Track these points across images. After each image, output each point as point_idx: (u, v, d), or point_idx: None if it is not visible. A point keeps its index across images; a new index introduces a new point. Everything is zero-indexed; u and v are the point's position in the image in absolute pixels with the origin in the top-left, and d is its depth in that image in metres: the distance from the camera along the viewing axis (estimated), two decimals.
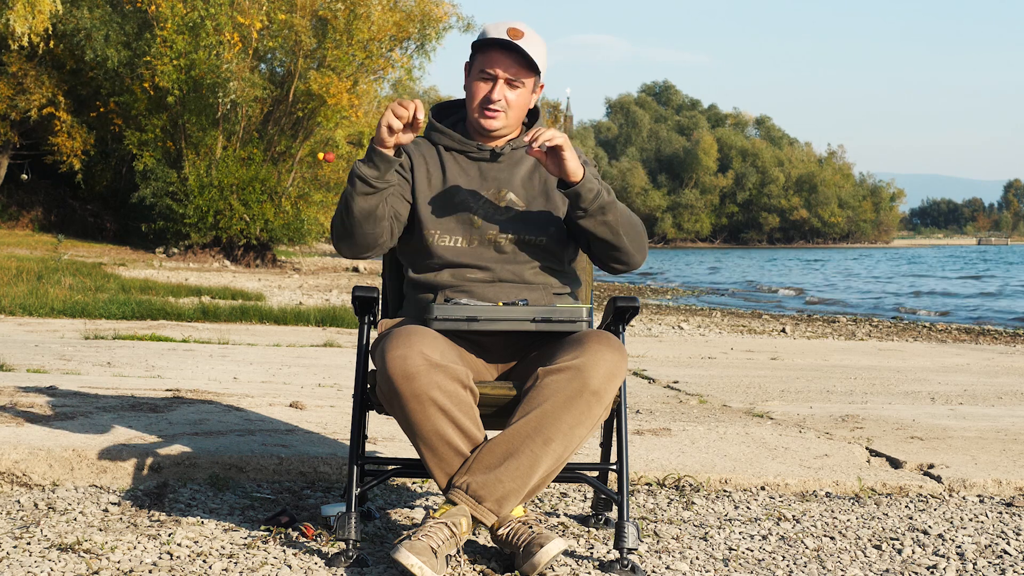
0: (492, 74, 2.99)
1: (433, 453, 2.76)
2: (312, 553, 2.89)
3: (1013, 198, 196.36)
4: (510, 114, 3.03)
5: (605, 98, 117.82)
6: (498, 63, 2.98)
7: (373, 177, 2.87)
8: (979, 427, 5.10)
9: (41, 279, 14.15)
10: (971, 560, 3.05)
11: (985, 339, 12.73)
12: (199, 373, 6.33)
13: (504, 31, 2.97)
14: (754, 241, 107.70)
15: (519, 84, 3.01)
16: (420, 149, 3.12)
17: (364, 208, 2.89)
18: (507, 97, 3.00)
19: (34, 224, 31.02)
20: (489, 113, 3.01)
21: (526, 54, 2.97)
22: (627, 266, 3.07)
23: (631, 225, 3.03)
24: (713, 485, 3.85)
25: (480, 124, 3.04)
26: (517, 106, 3.03)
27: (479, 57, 3.01)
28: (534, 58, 2.98)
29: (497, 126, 3.03)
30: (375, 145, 2.86)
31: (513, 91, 3.01)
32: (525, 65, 3.00)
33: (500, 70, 2.99)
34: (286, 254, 31.28)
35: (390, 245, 3.03)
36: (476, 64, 3.02)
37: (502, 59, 2.98)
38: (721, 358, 8.73)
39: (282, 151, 27.38)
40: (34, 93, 27.45)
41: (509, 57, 2.98)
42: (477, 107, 3.02)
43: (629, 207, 13.22)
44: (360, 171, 2.87)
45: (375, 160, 2.86)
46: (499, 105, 3.00)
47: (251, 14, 25.39)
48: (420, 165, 3.08)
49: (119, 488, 3.55)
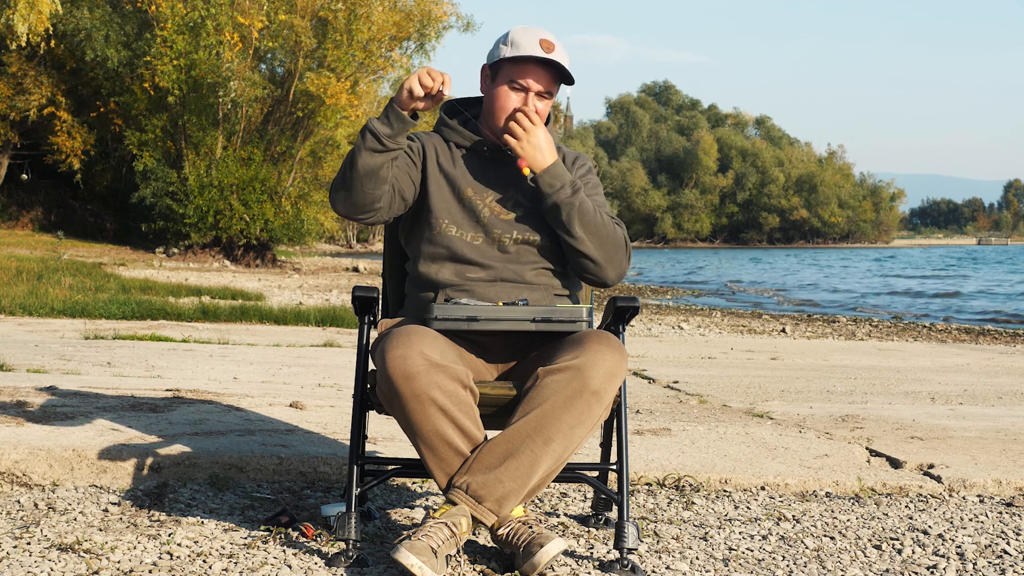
0: (524, 86, 2.99)
1: (433, 453, 2.76)
2: (312, 553, 2.89)
3: (1013, 198, 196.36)
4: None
5: (605, 98, 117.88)
6: (531, 75, 2.98)
7: (385, 135, 2.87)
8: (979, 427, 5.10)
9: (41, 279, 14.15)
10: (971, 560, 3.05)
11: (985, 339, 12.73)
12: (199, 373, 6.33)
13: (537, 42, 2.96)
14: (754, 241, 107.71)
15: (547, 96, 3.02)
16: (432, 141, 3.12)
17: (369, 165, 2.88)
18: (537, 107, 3.01)
19: (34, 224, 31.03)
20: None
21: (560, 67, 2.97)
22: (597, 278, 3.02)
23: (602, 237, 2.99)
24: (713, 485, 3.85)
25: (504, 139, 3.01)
26: (541, 116, 3.03)
27: (510, 67, 2.99)
28: (569, 73, 2.98)
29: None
30: (394, 104, 2.87)
31: (541, 102, 3.02)
32: (557, 78, 3.00)
33: (532, 82, 2.98)
34: (286, 254, 31.29)
35: (385, 215, 2.99)
36: (505, 72, 3.00)
37: (536, 72, 2.98)
38: (721, 358, 8.73)
39: (282, 151, 27.40)
40: (34, 93, 27.47)
41: (543, 70, 2.98)
42: (505, 119, 3.00)
43: (629, 207, 13.12)
44: (373, 126, 2.88)
45: (391, 118, 2.87)
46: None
47: (251, 14, 25.41)
48: (432, 155, 3.08)
49: (119, 488, 3.55)
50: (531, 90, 2.99)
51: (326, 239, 33.88)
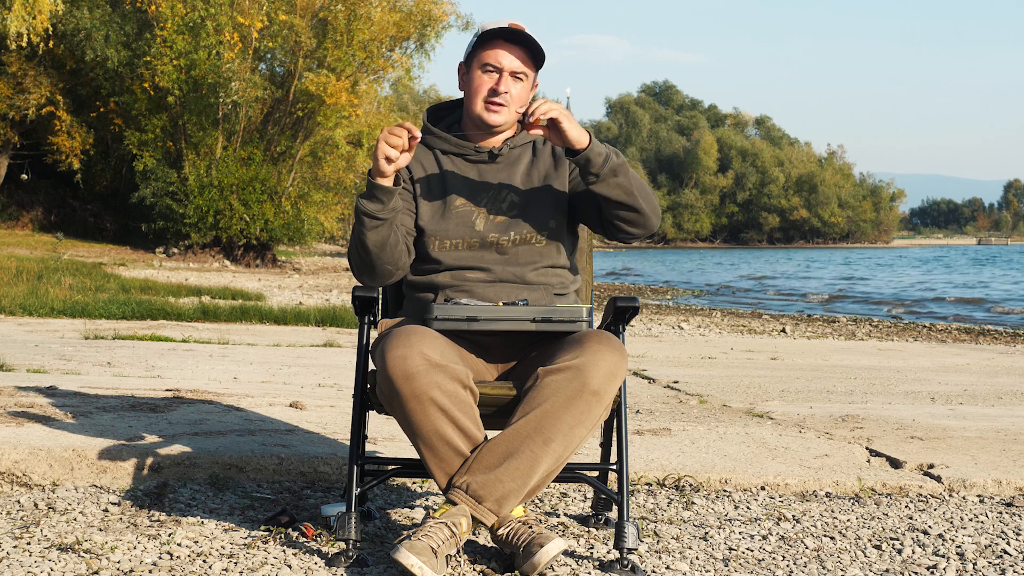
0: (497, 66, 2.98)
1: (433, 453, 2.76)
2: (312, 553, 2.89)
3: (1013, 198, 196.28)
4: (512, 108, 3.02)
5: (605, 98, 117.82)
6: (502, 55, 2.98)
7: (378, 210, 2.85)
8: (979, 427, 5.10)
9: (41, 279, 14.15)
10: (971, 560, 3.05)
11: (985, 339, 12.73)
12: (199, 373, 6.33)
13: (506, 25, 2.97)
14: (754, 241, 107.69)
15: (522, 77, 3.01)
16: (416, 155, 3.10)
17: (377, 240, 2.88)
18: (511, 90, 3.00)
19: (34, 224, 31.02)
20: (493, 107, 3.00)
21: (531, 44, 2.97)
22: (644, 229, 3.02)
23: (642, 187, 2.99)
24: (713, 485, 3.85)
25: (483, 118, 3.01)
26: (519, 99, 3.02)
27: (480, 51, 2.99)
28: (540, 47, 2.97)
29: (500, 120, 3.02)
30: (374, 179, 2.84)
31: (516, 84, 3.00)
32: (529, 57, 3.00)
33: (504, 59, 2.98)
34: (286, 254, 31.28)
35: (410, 261, 3.01)
36: (477, 58, 3.00)
37: (505, 47, 2.97)
38: (721, 358, 8.73)
39: (282, 151, 27.39)
40: (34, 93, 27.45)
41: (513, 49, 2.98)
42: (481, 100, 3.00)
43: None
44: (365, 208, 2.85)
45: (376, 194, 2.84)
46: (504, 98, 2.98)
47: (251, 14, 25.40)
48: (419, 172, 3.06)
49: (119, 488, 3.55)
50: (504, 69, 2.98)
51: (326, 239, 33.83)
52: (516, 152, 3.10)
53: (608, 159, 2.91)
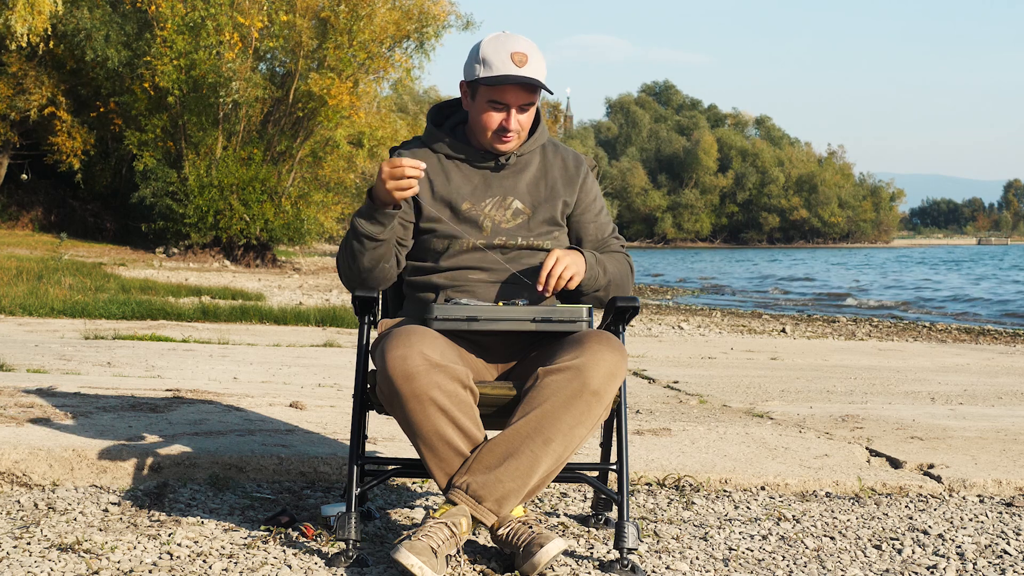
0: (504, 104, 2.97)
1: (433, 453, 2.76)
2: (312, 553, 2.89)
3: (1013, 198, 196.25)
4: (522, 134, 3.04)
5: (605, 98, 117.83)
6: (509, 94, 2.96)
7: (378, 232, 2.88)
8: (979, 427, 5.10)
9: (41, 279, 14.15)
10: (971, 560, 3.05)
11: (985, 339, 12.73)
12: (199, 373, 6.32)
13: (508, 57, 2.92)
14: (754, 241, 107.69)
15: (529, 106, 3.01)
16: (420, 160, 3.10)
17: (374, 258, 2.92)
18: (520, 120, 3.00)
19: (34, 224, 31.01)
20: (505, 140, 3.01)
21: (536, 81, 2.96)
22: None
23: (619, 284, 3.11)
24: (713, 485, 3.85)
25: (496, 149, 3.03)
26: (527, 124, 3.04)
27: (486, 88, 2.97)
28: (543, 81, 2.97)
29: (511, 148, 3.04)
30: (376, 201, 2.85)
31: (523, 113, 3.01)
32: (535, 89, 2.99)
33: (512, 99, 2.97)
34: (286, 254, 31.28)
35: (398, 272, 3.05)
36: (483, 93, 2.97)
37: (513, 90, 2.96)
38: (721, 358, 8.73)
39: (282, 151, 27.39)
40: (34, 93, 27.45)
41: (520, 88, 2.96)
42: (492, 135, 3.01)
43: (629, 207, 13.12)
44: (365, 230, 2.88)
45: (378, 217, 2.87)
46: (514, 131, 3.00)
47: (251, 14, 25.40)
48: (423, 180, 3.04)
49: (119, 488, 3.55)
50: (512, 105, 2.98)
51: (326, 239, 33.81)
52: (524, 160, 3.11)
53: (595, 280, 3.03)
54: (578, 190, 3.12)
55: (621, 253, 3.16)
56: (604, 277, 3.05)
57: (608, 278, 3.06)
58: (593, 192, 3.16)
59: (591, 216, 3.15)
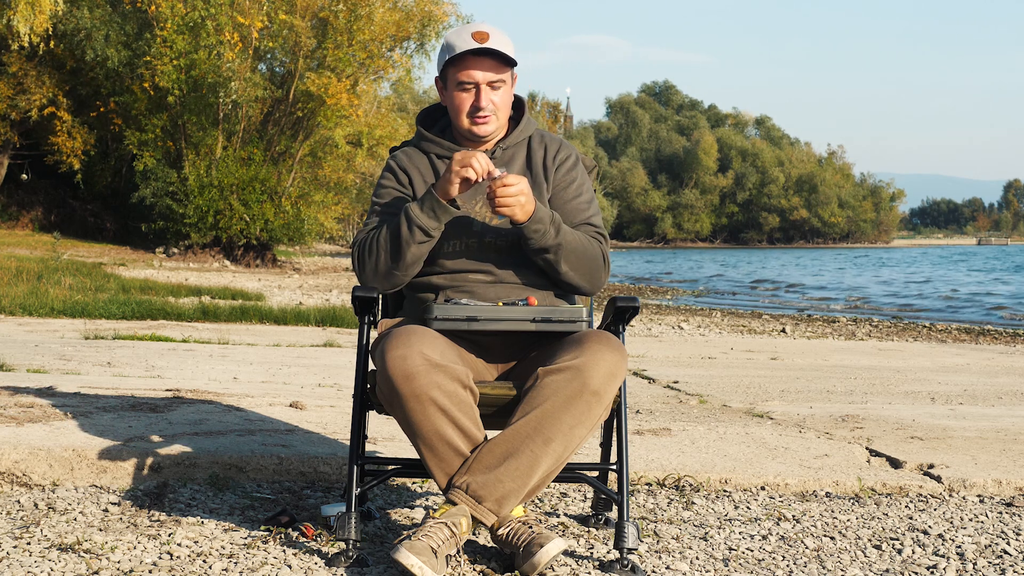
0: (472, 82, 3.00)
1: (433, 453, 2.76)
2: (312, 553, 2.89)
3: (1013, 198, 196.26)
4: (499, 115, 3.05)
5: (605, 98, 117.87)
6: (474, 69, 2.99)
7: (434, 228, 2.91)
8: (979, 427, 5.10)
9: (41, 279, 14.15)
10: (971, 560, 3.05)
11: (985, 339, 12.73)
12: (199, 373, 6.32)
13: (469, 37, 2.97)
14: (754, 241, 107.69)
15: (500, 84, 3.03)
16: (413, 160, 3.13)
17: (418, 254, 2.94)
18: (493, 100, 3.02)
19: (34, 224, 31.02)
20: (480, 120, 3.03)
21: (500, 53, 2.98)
22: (577, 292, 3.08)
23: (583, 267, 3.01)
24: (713, 485, 3.85)
25: (473, 132, 3.05)
26: (503, 105, 3.05)
27: (453, 70, 3.01)
28: (508, 54, 2.99)
29: (490, 130, 3.05)
30: (438, 195, 2.88)
31: (496, 92, 3.03)
32: (501, 64, 3.01)
33: (477, 75, 2.99)
34: (286, 254, 31.28)
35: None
36: (451, 77, 3.02)
37: (477, 64, 2.98)
38: (721, 358, 8.73)
39: (282, 151, 27.40)
40: (34, 93, 27.46)
41: (484, 62, 2.99)
42: (466, 118, 3.03)
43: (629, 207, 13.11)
44: (422, 222, 2.90)
45: (436, 212, 2.89)
46: (488, 110, 3.01)
47: (251, 14, 25.40)
48: (417, 178, 3.10)
49: (119, 488, 3.55)
50: (480, 83, 3.00)
51: (326, 239, 33.83)
52: (509, 152, 3.12)
53: (543, 235, 2.92)
54: (553, 173, 3.12)
55: (593, 238, 3.07)
56: (555, 237, 2.94)
57: (560, 241, 2.95)
58: (570, 177, 3.12)
59: (567, 197, 3.10)
